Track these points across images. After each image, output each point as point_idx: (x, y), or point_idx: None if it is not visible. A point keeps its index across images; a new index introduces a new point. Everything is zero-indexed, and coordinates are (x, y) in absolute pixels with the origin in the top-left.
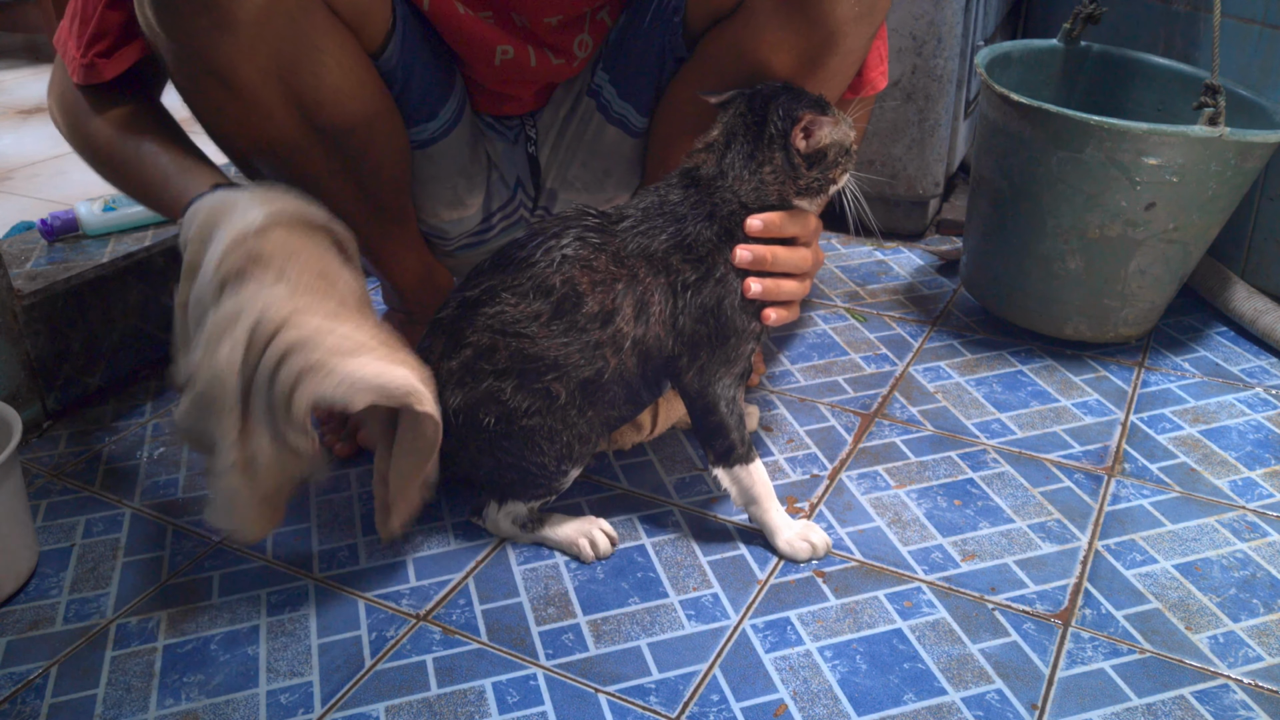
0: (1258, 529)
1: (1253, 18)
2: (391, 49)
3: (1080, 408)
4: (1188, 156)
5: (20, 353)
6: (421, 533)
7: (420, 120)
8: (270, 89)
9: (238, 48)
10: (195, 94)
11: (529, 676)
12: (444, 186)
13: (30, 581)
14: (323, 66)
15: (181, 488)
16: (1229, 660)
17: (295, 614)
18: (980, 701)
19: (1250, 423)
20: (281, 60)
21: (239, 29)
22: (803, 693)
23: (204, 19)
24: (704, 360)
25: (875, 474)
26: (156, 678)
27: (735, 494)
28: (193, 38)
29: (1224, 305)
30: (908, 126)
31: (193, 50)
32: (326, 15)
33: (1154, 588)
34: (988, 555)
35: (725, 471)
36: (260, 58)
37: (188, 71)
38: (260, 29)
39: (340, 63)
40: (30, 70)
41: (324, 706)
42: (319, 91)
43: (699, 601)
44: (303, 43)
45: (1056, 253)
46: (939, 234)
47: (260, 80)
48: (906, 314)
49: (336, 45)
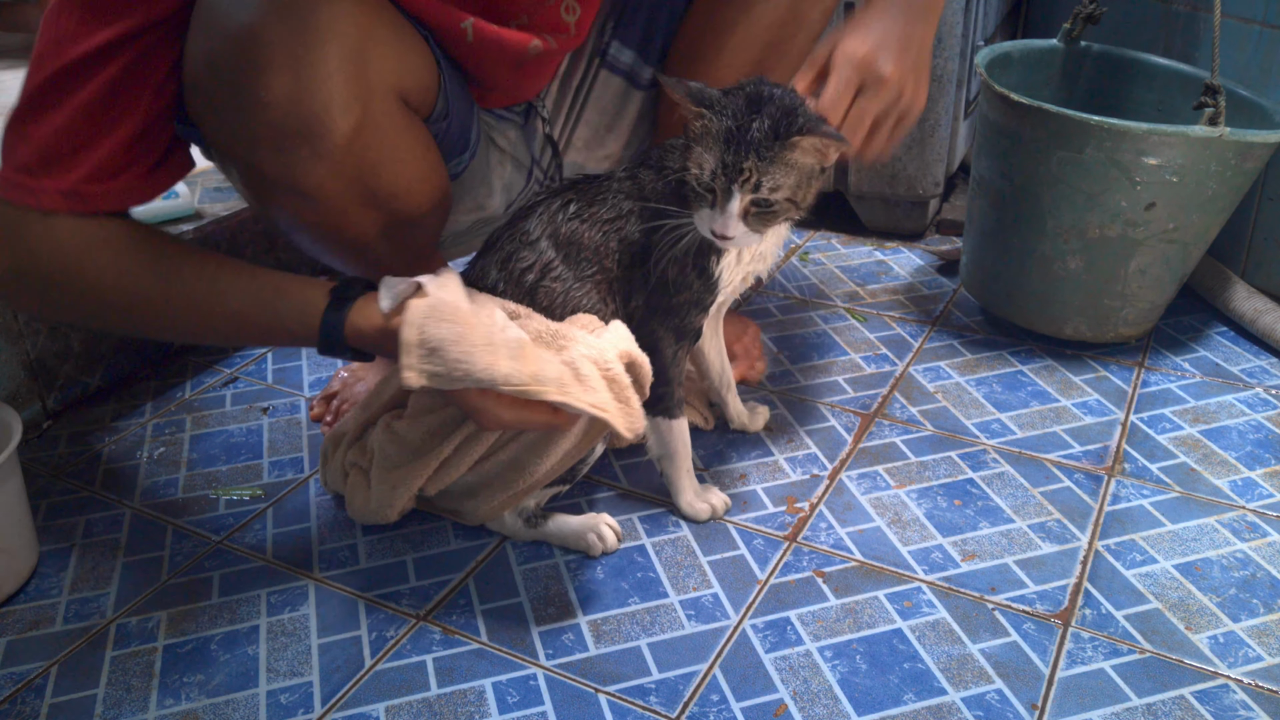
0: (1258, 529)
1: (1253, 18)
2: (442, 106)
3: (1080, 408)
4: (1188, 156)
5: (20, 353)
6: (421, 533)
7: (458, 154)
8: (353, 194)
9: (330, 168)
10: (269, 202)
11: (529, 676)
12: (467, 202)
13: (30, 581)
14: (401, 164)
15: (181, 488)
16: (1229, 660)
17: (295, 614)
18: (980, 701)
19: (1250, 423)
20: (364, 168)
21: (335, 153)
22: (803, 693)
23: (303, 150)
24: (642, 300)
25: (875, 474)
26: (156, 678)
27: (652, 443)
28: (287, 167)
29: (1224, 305)
30: None
31: (285, 176)
32: (404, 112)
33: (1154, 588)
34: (988, 555)
35: (649, 418)
36: (348, 170)
37: (267, 192)
38: (351, 147)
39: (414, 153)
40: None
41: (324, 706)
42: (396, 187)
43: (699, 601)
44: (385, 148)
45: (1056, 253)
46: (939, 234)
47: (344, 188)
48: (906, 314)
49: (411, 138)
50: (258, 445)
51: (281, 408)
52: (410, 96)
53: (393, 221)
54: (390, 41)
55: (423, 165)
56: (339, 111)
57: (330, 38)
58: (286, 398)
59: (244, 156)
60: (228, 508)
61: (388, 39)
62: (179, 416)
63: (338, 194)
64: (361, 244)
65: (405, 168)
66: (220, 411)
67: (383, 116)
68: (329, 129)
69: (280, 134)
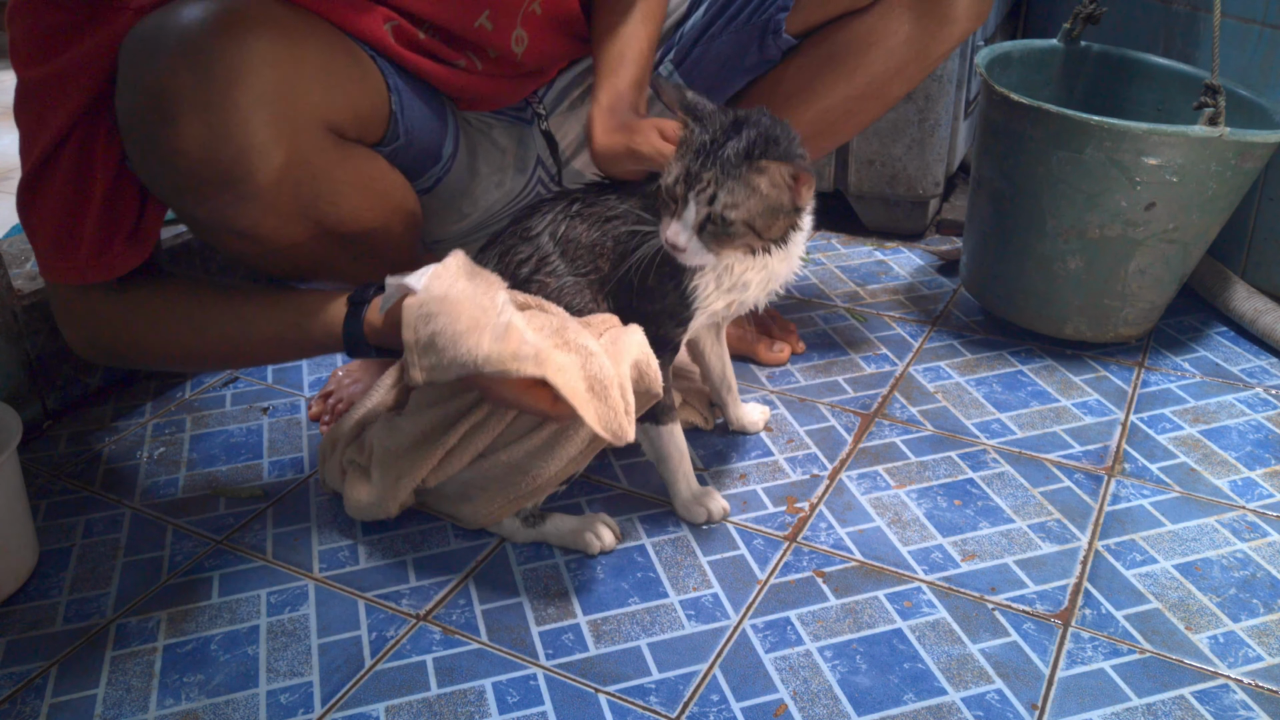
0: (1258, 529)
1: (1253, 18)
2: (394, 130)
3: (1080, 408)
4: (1188, 156)
5: (20, 353)
6: (421, 533)
7: (426, 169)
8: (293, 226)
9: (261, 209)
10: (217, 243)
11: (529, 676)
12: (449, 212)
13: (30, 581)
14: (338, 194)
15: (181, 488)
16: (1229, 660)
17: (295, 614)
18: (980, 701)
19: (1250, 423)
20: (301, 202)
21: (262, 194)
22: (803, 693)
23: (228, 194)
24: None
25: (875, 474)
26: (156, 678)
27: (645, 447)
28: (216, 211)
29: (1224, 305)
30: (908, 126)
31: (217, 220)
32: (336, 144)
33: (1154, 588)
34: (988, 555)
35: (638, 426)
36: (282, 207)
37: (209, 232)
38: (280, 186)
39: (354, 182)
40: None
41: (324, 706)
42: (338, 213)
43: (699, 601)
44: (319, 180)
45: (1056, 253)
46: (939, 234)
47: (283, 224)
48: (906, 314)
49: (349, 168)
50: (258, 445)
51: (281, 408)
52: (345, 128)
53: (350, 245)
54: (314, 76)
55: (369, 194)
56: (258, 155)
57: (240, 81)
58: (286, 398)
59: (174, 205)
60: (228, 508)
61: (311, 74)
62: (179, 416)
63: (277, 230)
64: (326, 266)
65: (347, 199)
66: (220, 411)
67: (312, 152)
68: (250, 173)
69: (200, 182)
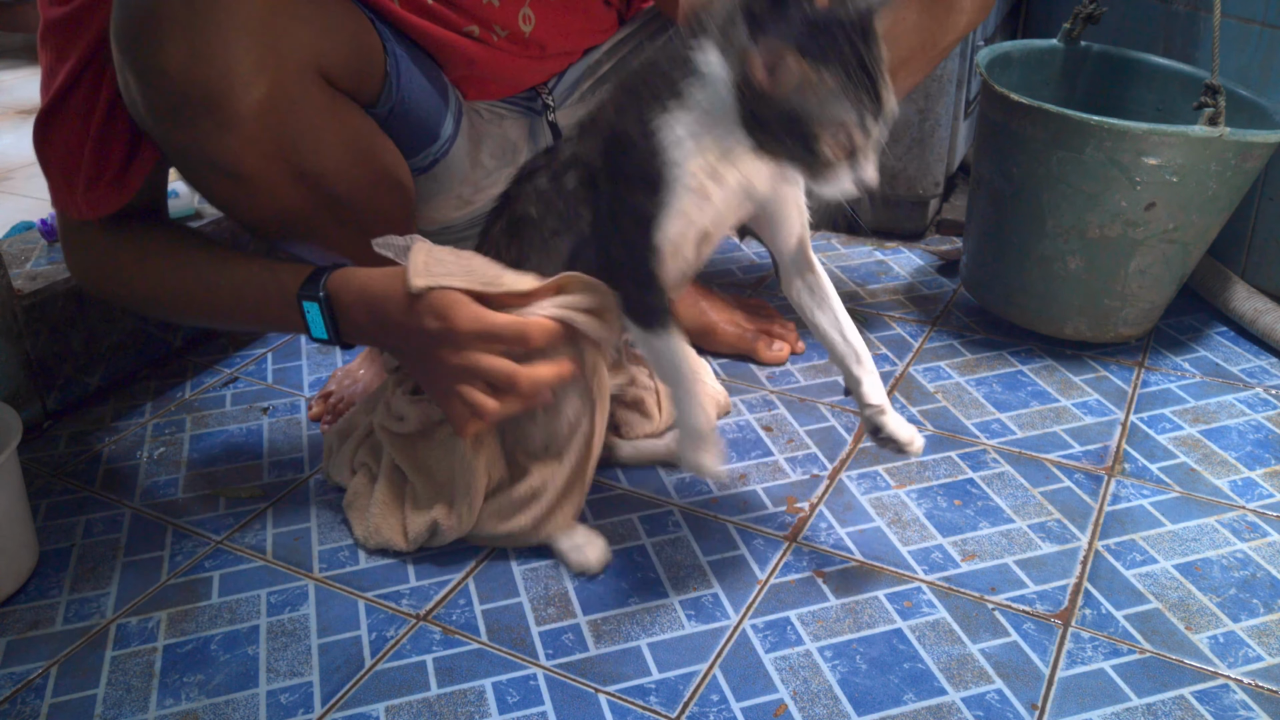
0: (1258, 529)
1: (1253, 18)
2: (389, 94)
3: (1080, 408)
4: (1188, 156)
5: (20, 353)
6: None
7: (423, 147)
8: (275, 170)
9: (241, 142)
10: (201, 183)
11: (529, 676)
12: (449, 197)
13: (30, 581)
14: (323, 144)
15: (181, 488)
16: (1229, 660)
17: (295, 614)
18: (980, 701)
19: (1250, 423)
20: (283, 144)
21: (242, 125)
22: (803, 693)
23: (207, 122)
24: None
25: (875, 474)
26: (156, 678)
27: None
28: (195, 139)
29: (1224, 305)
30: (908, 126)
31: (196, 150)
32: (323, 91)
33: (1154, 588)
34: (988, 555)
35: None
36: (263, 145)
37: (192, 166)
38: (261, 120)
39: (340, 136)
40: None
41: (324, 706)
42: (322, 165)
43: (699, 601)
44: (303, 125)
45: (1056, 253)
46: (939, 234)
47: (265, 165)
48: (906, 314)
49: (336, 121)
50: (258, 445)
51: (281, 408)
52: (337, 78)
53: (332, 203)
54: (309, 19)
55: (355, 149)
56: (239, 81)
57: (229, 7)
58: (286, 398)
59: (155, 130)
60: (228, 508)
61: (306, 16)
62: (179, 416)
63: (259, 170)
64: (311, 227)
65: (332, 148)
66: (220, 411)
67: (297, 91)
68: (230, 98)
69: (182, 103)
